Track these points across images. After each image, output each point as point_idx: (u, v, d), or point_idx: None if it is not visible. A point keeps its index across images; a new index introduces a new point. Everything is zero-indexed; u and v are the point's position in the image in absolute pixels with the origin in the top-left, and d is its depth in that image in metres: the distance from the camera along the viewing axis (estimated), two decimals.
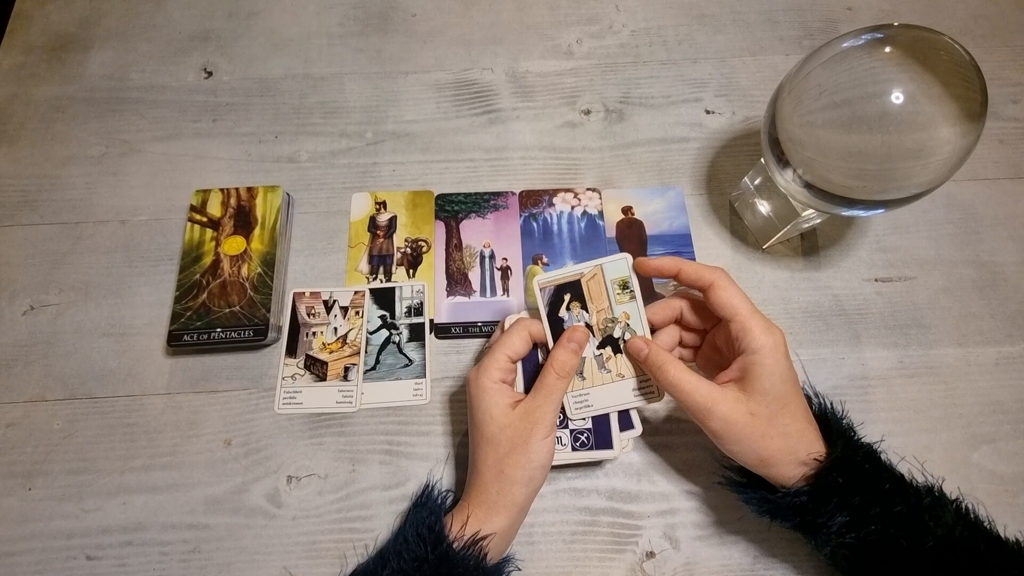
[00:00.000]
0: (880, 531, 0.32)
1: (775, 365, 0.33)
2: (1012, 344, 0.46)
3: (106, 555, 0.40)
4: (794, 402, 0.34)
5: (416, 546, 0.34)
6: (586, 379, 0.39)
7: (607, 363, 0.39)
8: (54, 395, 0.45)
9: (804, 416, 0.35)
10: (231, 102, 0.55)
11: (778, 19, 0.59)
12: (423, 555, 0.34)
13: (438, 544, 0.34)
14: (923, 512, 0.32)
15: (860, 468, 0.33)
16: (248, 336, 0.44)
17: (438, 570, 0.34)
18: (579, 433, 0.39)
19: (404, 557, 0.34)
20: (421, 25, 0.59)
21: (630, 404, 0.38)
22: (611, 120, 0.55)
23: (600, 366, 0.39)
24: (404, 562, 0.34)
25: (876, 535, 0.32)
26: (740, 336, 0.34)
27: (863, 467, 0.34)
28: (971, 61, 0.34)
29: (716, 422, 0.34)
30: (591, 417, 0.39)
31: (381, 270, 0.49)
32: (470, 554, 0.34)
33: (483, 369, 0.37)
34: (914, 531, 0.32)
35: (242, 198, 0.49)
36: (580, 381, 0.39)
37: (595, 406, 0.39)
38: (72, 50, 0.58)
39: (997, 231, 0.50)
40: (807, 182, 0.39)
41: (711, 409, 0.34)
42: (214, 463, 0.43)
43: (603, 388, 0.39)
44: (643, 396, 0.38)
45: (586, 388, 0.39)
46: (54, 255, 0.49)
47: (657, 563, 0.40)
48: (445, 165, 0.53)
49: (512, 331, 0.38)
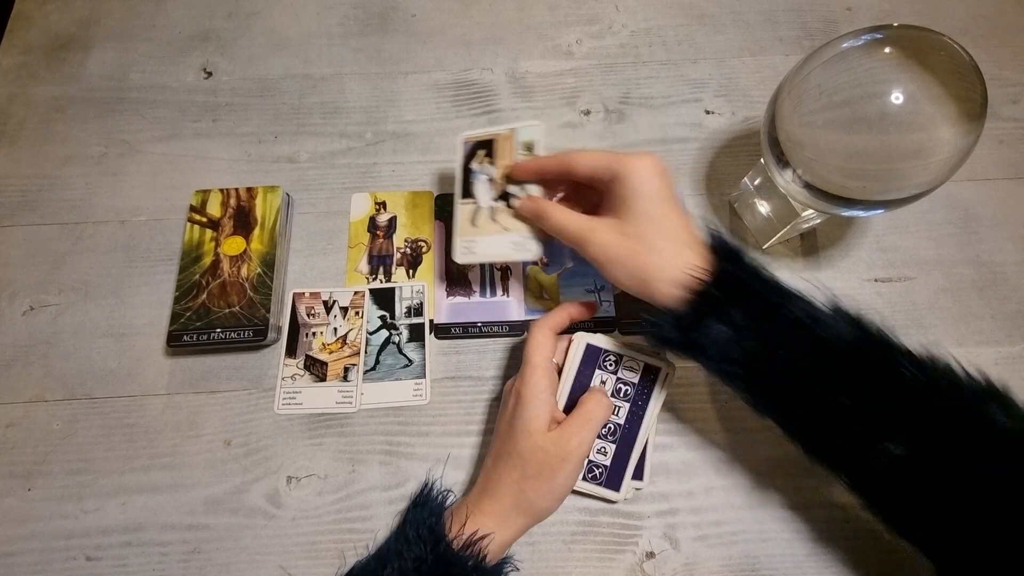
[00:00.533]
0: (762, 343, 0.31)
1: (642, 185, 0.34)
2: (1012, 344, 0.46)
3: (106, 555, 0.40)
4: (669, 221, 0.34)
5: (416, 546, 0.34)
6: (477, 227, 0.41)
7: (497, 216, 0.41)
8: (54, 395, 0.45)
9: (683, 235, 0.34)
10: (231, 102, 0.55)
11: (778, 19, 0.59)
12: (422, 555, 0.34)
13: (437, 544, 0.34)
14: (812, 323, 0.31)
15: (740, 281, 0.33)
16: (248, 336, 0.44)
17: (436, 569, 0.34)
18: (595, 466, 0.40)
19: (404, 557, 0.34)
20: (421, 25, 0.59)
21: (508, 257, 0.41)
22: (611, 120, 0.55)
23: (491, 217, 0.41)
24: (404, 562, 0.34)
25: (759, 347, 0.31)
26: (614, 172, 0.35)
27: (744, 281, 0.33)
28: (971, 61, 0.34)
29: (593, 247, 0.35)
30: (609, 448, 0.40)
31: (381, 270, 0.49)
32: (468, 555, 0.34)
33: (536, 366, 0.37)
34: (800, 340, 0.31)
35: (242, 198, 0.49)
36: (472, 228, 0.41)
37: (478, 253, 0.41)
38: (72, 50, 0.58)
39: (997, 231, 0.50)
40: (807, 182, 0.39)
41: (587, 237, 0.35)
42: (214, 463, 0.43)
43: (489, 238, 0.41)
44: (520, 250, 0.40)
45: (474, 236, 0.41)
46: (54, 255, 0.49)
47: (657, 563, 0.40)
48: (445, 165, 0.53)
49: (560, 309, 0.40)
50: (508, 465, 0.36)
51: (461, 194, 0.43)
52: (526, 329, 0.47)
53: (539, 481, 0.35)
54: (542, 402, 0.36)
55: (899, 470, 0.30)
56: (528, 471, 0.35)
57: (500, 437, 0.38)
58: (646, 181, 0.34)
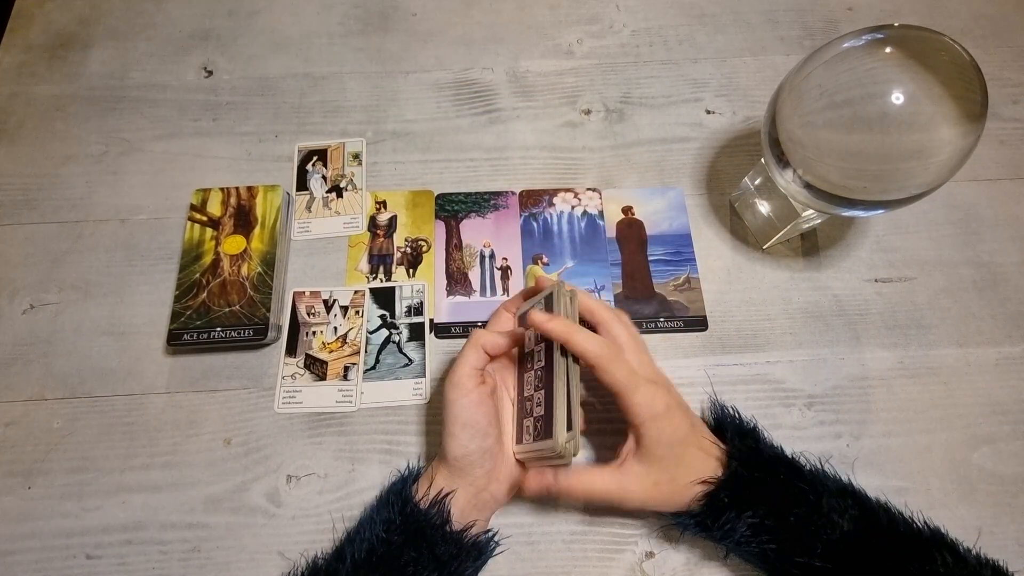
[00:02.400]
0: (774, 539, 0.34)
1: (661, 434, 0.35)
2: (1012, 345, 0.46)
3: (106, 554, 0.40)
4: (689, 451, 0.36)
5: (385, 510, 0.36)
6: (311, 212, 0.50)
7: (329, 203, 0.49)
8: (54, 394, 0.45)
9: (700, 454, 0.36)
10: (231, 101, 0.55)
11: (779, 19, 0.59)
12: (391, 517, 0.35)
13: (404, 505, 0.35)
14: (817, 517, 0.34)
15: (749, 483, 0.35)
16: (248, 335, 0.44)
17: (404, 528, 0.35)
18: (536, 421, 0.37)
19: (375, 521, 0.36)
20: (421, 24, 0.59)
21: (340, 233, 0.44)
22: (611, 120, 0.55)
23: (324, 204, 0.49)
24: (375, 525, 0.35)
25: (772, 542, 0.34)
26: (624, 410, 0.35)
27: (753, 481, 0.35)
28: (972, 62, 0.34)
29: (631, 504, 0.36)
30: (539, 397, 0.37)
31: (381, 270, 0.49)
32: (435, 512, 0.35)
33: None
34: (806, 537, 0.34)
35: (242, 197, 0.49)
36: (307, 213, 0.49)
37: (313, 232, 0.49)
38: (72, 49, 0.58)
39: (997, 231, 0.50)
40: (807, 182, 0.39)
41: (624, 498, 0.35)
42: (214, 462, 0.43)
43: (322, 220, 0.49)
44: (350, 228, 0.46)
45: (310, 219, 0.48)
46: (54, 254, 0.49)
47: (656, 563, 0.40)
48: (445, 165, 0.53)
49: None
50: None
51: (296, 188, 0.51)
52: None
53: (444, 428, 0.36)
54: (461, 358, 0.37)
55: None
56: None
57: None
58: (666, 428, 0.35)
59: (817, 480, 0.36)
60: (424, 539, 0.34)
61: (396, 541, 0.34)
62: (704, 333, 0.47)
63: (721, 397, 0.43)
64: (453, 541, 0.35)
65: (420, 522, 0.35)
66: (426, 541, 0.34)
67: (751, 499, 0.35)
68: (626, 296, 0.48)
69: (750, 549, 0.35)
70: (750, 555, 0.36)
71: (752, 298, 0.48)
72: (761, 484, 0.35)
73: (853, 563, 0.33)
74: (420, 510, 0.35)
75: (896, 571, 0.33)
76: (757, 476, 0.35)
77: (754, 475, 0.35)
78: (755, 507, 0.35)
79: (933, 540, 0.34)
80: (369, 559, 0.34)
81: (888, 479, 0.42)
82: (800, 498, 0.35)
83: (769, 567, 0.36)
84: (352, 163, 0.52)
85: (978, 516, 0.41)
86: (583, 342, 0.34)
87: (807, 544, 0.34)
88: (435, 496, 0.35)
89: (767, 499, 0.35)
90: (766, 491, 0.35)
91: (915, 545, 0.34)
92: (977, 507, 0.41)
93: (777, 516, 0.34)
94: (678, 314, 0.47)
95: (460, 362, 0.37)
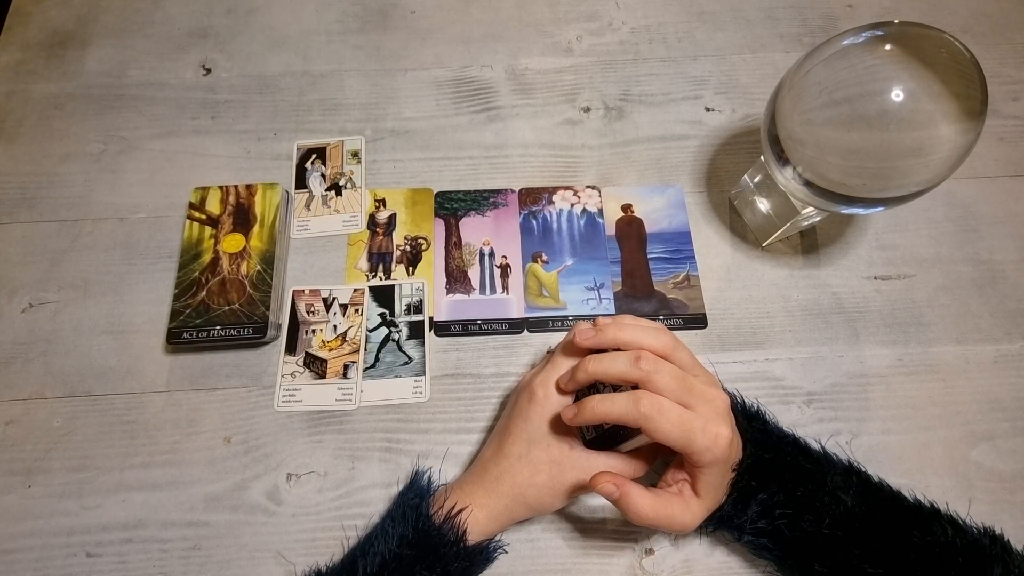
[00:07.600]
0: (785, 515, 0.35)
1: (719, 473, 0.34)
2: (1011, 342, 0.46)
3: (106, 552, 0.41)
4: (728, 466, 0.35)
5: (400, 524, 0.36)
6: (310, 211, 0.50)
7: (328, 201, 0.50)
8: (53, 393, 0.45)
9: (734, 452, 0.35)
10: (230, 99, 0.55)
11: (778, 16, 0.59)
12: (405, 532, 0.35)
13: (419, 520, 0.35)
14: (823, 494, 0.35)
15: (768, 464, 0.36)
16: (247, 334, 0.44)
17: (418, 543, 0.34)
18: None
19: (389, 535, 0.35)
20: (420, 22, 0.59)
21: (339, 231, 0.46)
22: (611, 117, 0.55)
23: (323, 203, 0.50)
24: (389, 539, 0.35)
25: (783, 519, 0.35)
26: (688, 464, 0.34)
27: (765, 463, 0.36)
28: (971, 59, 0.34)
29: (687, 529, 0.35)
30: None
31: (380, 268, 0.49)
32: (449, 528, 0.35)
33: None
34: (814, 512, 0.35)
35: (241, 195, 0.49)
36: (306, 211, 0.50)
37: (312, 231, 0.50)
38: (70, 47, 0.57)
39: (997, 229, 0.50)
40: (807, 180, 0.39)
41: (686, 525, 0.34)
42: (214, 460, 0.43)
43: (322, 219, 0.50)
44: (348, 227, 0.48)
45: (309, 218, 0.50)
46: (53, 252, 0.49)
47: (656, 560, 0.40)
48: (444, 162, 0.53)
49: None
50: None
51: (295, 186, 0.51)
52: (526, 327, 0.47)
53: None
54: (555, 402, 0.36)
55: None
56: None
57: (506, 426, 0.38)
58: (723, 467, 0.34)
59: (823, 458, 0.37)
60: (438, 558, 0.34)
61: (408, 555, 0.34)
62: (703, 331, 0.47)
63: None
64: (467, 556, 0.35)
65: (432, 536, 0.34)
66: (440, 561, 0.34)
67: (765, 479, 0.35)
68: (625, 294, 0.48)
69: (763, 528, 0.36)
70: (762, 534, 0.36)
71: (751, 296, 0.48)
72: (771, 465, 0.36)
73: (858, 535, 0.34)
74: (433, 525, 0.35)
75: (900, 541, 0.34)
76: (767, 457, 0.36)
77: (764, 456, 0.36)
78: (767, 487, 0.35)
79: (934, 513, 0.35)
80: (381, 574, 0.34)
81: (887, 476, 0.42)
82: (807, 476, 0.36)
83: (780, 545, 0.36)
84: (351, 161, 0.52)
85: (977, 513, 0.41)
86: (638, 501, 0.33)
87: (815, 519, 0.34)
88: (448, 512, 0.35)
89: (778, 478, 0.35)
90: (776, 471, 0.36)
91: (917, 517, 0.35)
92: (976, 504, 0.41)
93: (787, 494, 0.35)
94: (677, 312, 0.47)
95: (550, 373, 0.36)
